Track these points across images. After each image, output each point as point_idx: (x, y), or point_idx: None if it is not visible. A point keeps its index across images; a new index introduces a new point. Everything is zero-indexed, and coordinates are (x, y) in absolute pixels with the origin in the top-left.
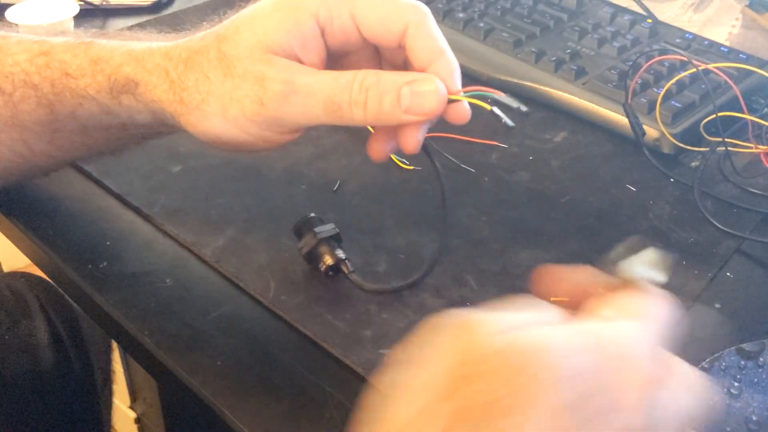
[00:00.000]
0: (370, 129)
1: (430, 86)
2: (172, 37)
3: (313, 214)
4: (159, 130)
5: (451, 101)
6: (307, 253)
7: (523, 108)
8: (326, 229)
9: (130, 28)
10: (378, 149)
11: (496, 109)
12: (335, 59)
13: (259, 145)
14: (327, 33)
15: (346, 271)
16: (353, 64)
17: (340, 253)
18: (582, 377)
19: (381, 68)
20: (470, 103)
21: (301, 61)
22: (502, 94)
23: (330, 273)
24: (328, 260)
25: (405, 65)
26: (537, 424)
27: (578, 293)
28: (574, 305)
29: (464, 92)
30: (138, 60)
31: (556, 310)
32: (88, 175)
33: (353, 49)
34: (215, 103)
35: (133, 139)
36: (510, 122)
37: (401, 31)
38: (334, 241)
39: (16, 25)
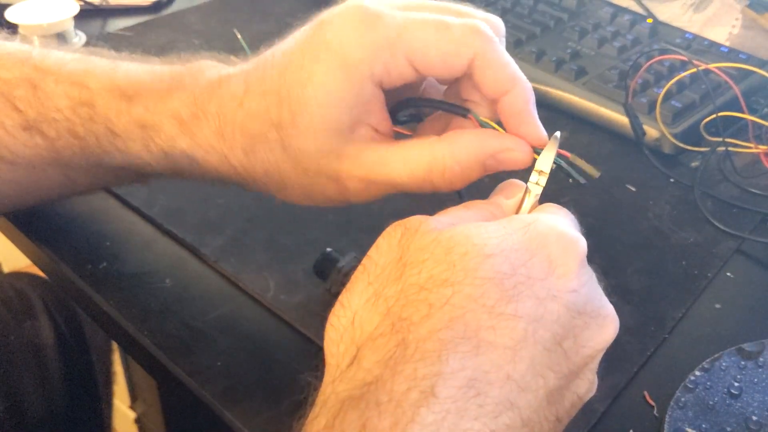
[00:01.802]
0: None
1: (517, 155)
2: (196, 72)
3: (329, 249)
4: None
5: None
6: (336, 292)
7: (597, 174)
8: (348, 260)
9: (130, 28)
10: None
11: (566, 166)
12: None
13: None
14: (385, 84)
15: None
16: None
17: None
18: (513, 253)
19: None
20: None
21: (367, 124)
22: (580, 160)
23: None
24: None
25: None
26: (471, 290)
27: None
28: None
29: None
30: (190, 134)
31: (496, 207)
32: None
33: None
34: (296, 189)
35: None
36: (582, 179)
37: (466, 64)
38: None
39: (17, 25)
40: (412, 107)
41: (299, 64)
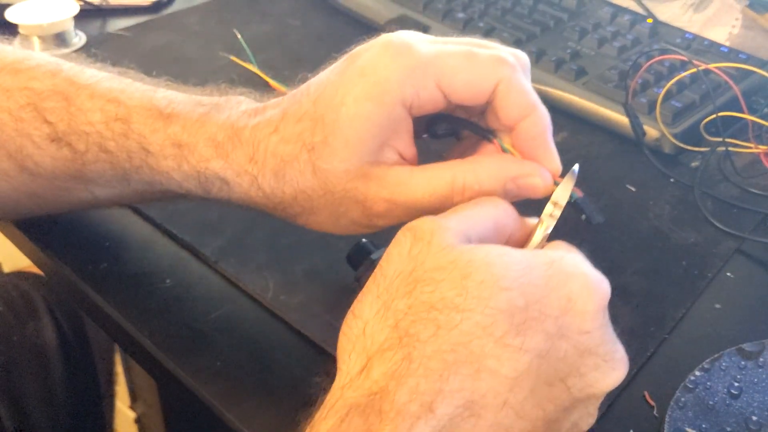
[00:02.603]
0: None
1: (537, 182)
2: (241, 105)
3: (364, 240)
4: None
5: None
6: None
7: (601, 220)
8: (380, 253)
9: (130, 28)
10: None
11: (579, 203)
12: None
13: (365, 232)
14: (413, 108)
15: None
16: (464, 112)
17: None
18: (531, 287)
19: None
20: None
21: (394, 149)
22: (588, 204)
23: None
24: None
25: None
26: (480, 319)
27: None
28: None
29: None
30: (223, 156)
31: (507, 208)
32: None
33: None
34: (324, 215)
35: None
36: (595, 219)
37: (491, 91)
38: None
39: (17, 25)
40: (446, 122)
41: (333, 90)
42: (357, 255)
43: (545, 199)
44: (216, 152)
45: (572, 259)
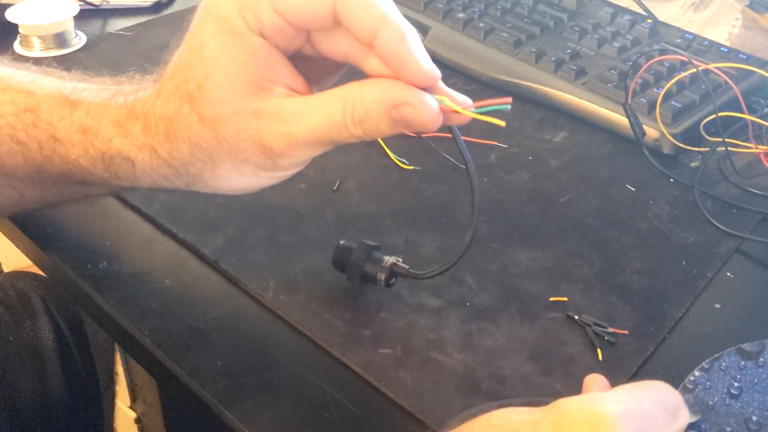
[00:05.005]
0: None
1: (415, 113)
2: (136, 83)
3: (342, 242)
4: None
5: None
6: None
7: (502, 123)
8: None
9: (130, 28)
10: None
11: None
12: (302, 61)
13: (285, 178)
14: (268, 37)
15: (404, 272)
16: (325, 40)
17: (392, 259)
18: None
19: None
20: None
21: (279, 82)
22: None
23: (391, 282)
24: (381, 275)
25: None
26: None
27: None
28: None
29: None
30: (124, 134)
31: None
32: None
33: (299, 43)
34: (226, 166)
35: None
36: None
37: (331, 10)
38: (374, 251)
39: (17, 25)
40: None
41: (192, 36)
42: (339, 256)
43: None
44: (117, 131)
45: None
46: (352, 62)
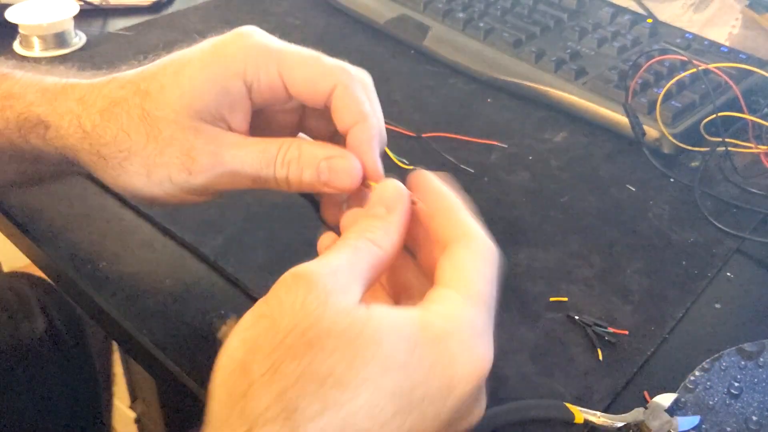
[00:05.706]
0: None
1: (345, 164)
2: (89, 75)
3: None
4: (73, 171)
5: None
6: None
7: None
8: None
9: (130, 28)
10: (328, 214)
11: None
12: (260, 112)
13: (180, 203)
14: (254, 90)
15: None
16: (278, 117)
17: None
18: (416, 371)
19: (306, 122)
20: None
21: (228, 123)
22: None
23: None
24: None
25: (330, 123)
26: (367, 401)
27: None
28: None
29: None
30: (50, 101)
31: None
32: (87, 175)
33: (279, 105)
34: (139, 163)
35: (47, 175)
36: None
37: (328, 92)
38: None
39: (17, 25)
40: None
41: (181, 55)
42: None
43: None
44: (42, 98)
45: (461, 336)
46: (307, 135)
